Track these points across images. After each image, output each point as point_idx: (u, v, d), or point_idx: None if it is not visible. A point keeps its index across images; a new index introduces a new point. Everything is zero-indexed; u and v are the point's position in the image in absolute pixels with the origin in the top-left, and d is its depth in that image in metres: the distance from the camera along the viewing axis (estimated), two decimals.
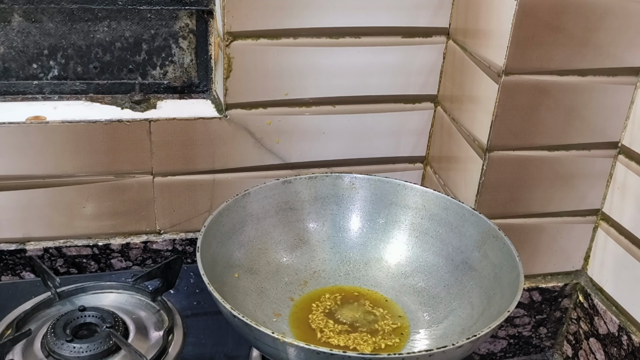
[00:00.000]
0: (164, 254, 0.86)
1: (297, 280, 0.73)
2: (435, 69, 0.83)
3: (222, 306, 0.55)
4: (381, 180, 0.76)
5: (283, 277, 0.73)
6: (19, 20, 0.78)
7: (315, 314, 0.69)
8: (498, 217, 0.72)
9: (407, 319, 0.70)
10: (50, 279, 0.72)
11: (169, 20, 0.81)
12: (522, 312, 0.86)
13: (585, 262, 0.84)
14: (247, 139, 0.82)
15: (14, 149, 0.76)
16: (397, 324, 0.69)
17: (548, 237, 0.81)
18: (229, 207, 0.69)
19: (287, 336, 0.53)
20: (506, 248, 0.65)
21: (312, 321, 0.68)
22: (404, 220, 0.75)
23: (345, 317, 0.69)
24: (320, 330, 0.67)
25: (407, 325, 0.69)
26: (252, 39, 0.76)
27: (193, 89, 0.86)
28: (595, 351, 0.81)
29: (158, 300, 0.74)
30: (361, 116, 0.84)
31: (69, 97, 0.83)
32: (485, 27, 0.72)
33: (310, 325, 0.68)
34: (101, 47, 0.81)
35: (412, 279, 0.73)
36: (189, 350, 0.69)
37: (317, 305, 0.70)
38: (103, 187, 0.80)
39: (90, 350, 0.64)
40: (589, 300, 0.83)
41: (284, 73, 0.79)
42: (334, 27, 0.78)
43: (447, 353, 0.52)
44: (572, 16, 0.66)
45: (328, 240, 0.76)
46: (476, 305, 0.66)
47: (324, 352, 0.50)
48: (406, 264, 0.74)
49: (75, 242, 0.83)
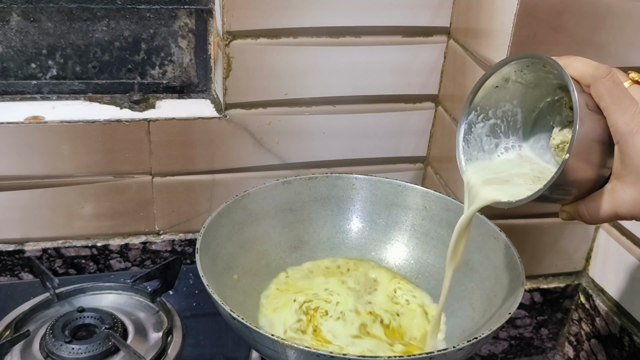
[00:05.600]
0: (163, 254, 0.86)
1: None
2: (436, 69, 0.83)
3: (221, 307, 0.55)
4: (381, 181, 0.76)
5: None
6: (18, 20, 0.77)
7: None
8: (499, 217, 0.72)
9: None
10: (48, 280, 0.72)
11: (168, 19, 0.81)
12: (523, 313, 0.86)
13: (587, 262, 0.84)
14: (247, 139, 0.81)
15: (12, 149, 0.75)
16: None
17: (549, 237, 0.81)
18: (228, 207, 0.69)
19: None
20: (507, 249, 0.64)
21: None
22: (404, 221, 0.75)
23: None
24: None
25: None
26: (251, 38, 0.76)
27: (192, 88, 0.86)
28: (596, 352, 0.81)
29: (157, 301, 0.74)
30: (361, 116, 0.84)
31: (68, 97, 0.82)
32: (486, 27, 0.72)
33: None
34: (100, 46, 0.81)
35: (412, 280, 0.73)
36: (188, 352, 0.69)
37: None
38: (102, 188, 0.80)
39: (89, 352, 0.64)
40: (590, 301, 0.83)
41: (284, 73, 0.78)
42: (334, 27, 0.77)
43: (448, 355, 0.52)
44: (574, 16, 0.66)
45: (328, 242, 0.76)
46: (477, 307, 0.65)
47: (324, 355, 0.50)
48: (407, 265, 0.74)
49: (74, 243, 0.83)
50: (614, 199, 0.48)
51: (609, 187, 0.48)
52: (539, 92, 0.55)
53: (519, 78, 0.53)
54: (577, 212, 0.51)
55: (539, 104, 0.56)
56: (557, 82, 0.52)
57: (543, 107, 0.56)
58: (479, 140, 0.57)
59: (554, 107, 0.55)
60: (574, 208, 0.51)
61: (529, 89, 0.54)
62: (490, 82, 0.54)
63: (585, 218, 0.50)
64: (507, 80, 0.54)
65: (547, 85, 0.53)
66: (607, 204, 0.48)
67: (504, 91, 0.55)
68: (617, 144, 0.47)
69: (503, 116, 0.56)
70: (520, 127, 0.57)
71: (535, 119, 0.56)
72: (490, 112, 0.56)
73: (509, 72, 0.53)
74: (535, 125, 0.57)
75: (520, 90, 0.55)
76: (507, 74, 0.53)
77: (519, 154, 0.57)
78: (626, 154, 0.46)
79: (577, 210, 0.51)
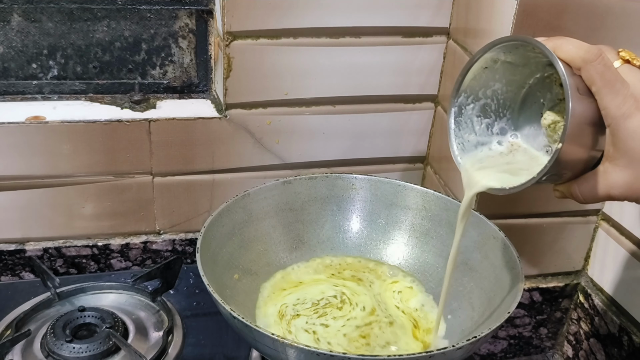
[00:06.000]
0: (163, 254, 0.86)
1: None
2: (435, 69, 0.83)
3: (221, 307, 0.55)
4: (381, 181, 0.76)
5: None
6: (19, 20, 0.77)
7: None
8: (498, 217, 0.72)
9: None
10: (49, 279, 0.72)
11: (168, 20, 0.81)
12: (522, 313, 0.86)
13: (586, 262, 0.84)
14: (247, 139, 0.81)
15: (13, 149, 0.76)
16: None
17: (548, 237, 0.81)
18: (228, 207, 0.69)
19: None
20: (506, 249, 0.65)
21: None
22: (404, 220, 0.75)
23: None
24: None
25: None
26: (252, 38, 0.76)
27: (193, 88, 0.86)
28: (595, 352, 0.81)
29: (158, 300, 0.74)
30: (361, 116, 0.84)
31: (69, 97, 0.83)
32: (485, 27, 0.72)
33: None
34: (101, 46, 0.81)
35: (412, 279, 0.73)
36: (188, 351, 0.69)
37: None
38: (102, 187, 0.80)
39: (90, 351, 0.64)
40: (589, 301, 0.83)
41: (284, 73, 0.79)
42: (334, 27, 0.77)
43: (447, 354, 0.52)
44: (573, 16, 0.66)
45: (328, 241, 0.76)
46: (476, 306, 0.65)
47: (324, 354, 0.50)
48: (406, 265, 0.74)
49: (74, 243, 0.83)
50: (606, 181, 0.48)
51: (602, 168, 0.48)
52: (529, 69, 0.55)
53: (507, 58, 0.54)
54: (570, 192, 0.51)
55: (528, 80, 0.56)
56: (547, 59, 0.52)
57: (533, 84, 0.56)
58: (470, 122, 0.58)
59: (544, 84, 0.55)
60: (567, 188, 0.51)
61: (518, 67, 0.55)
62: (479, 64, 0.54)
63: (578, 198, 0.50)
64: (495, 61, 0.54)
65: (537, 63, 0.53)
66: (600, 185, 0.48)
67: (492, 71, 0.55)
68: (609, 127, 0.47)
69: (493, 95, 0.57)
70: (510, 104, 0.57)
71: (525, 95, 0.57)
72: (480, 92, 0.57)
73: (498, 53, 0.53)
74: (526, 101, 0.57)
75: (509, 68, 0.55)
76: (496, 55, 0.53)
77: (511, 142, 0.57)
78: (618, 138, 0.46)
79: (570, 190, 0.51)
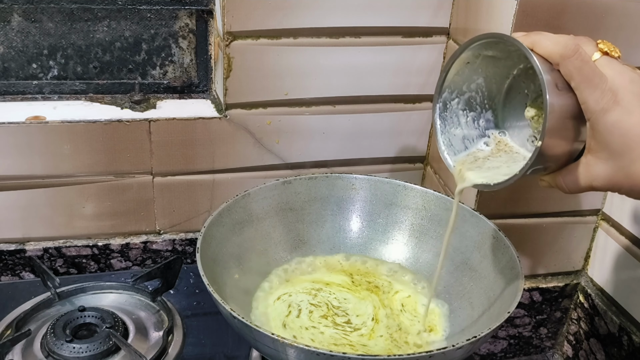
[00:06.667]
0: (163, 254, 0.86)
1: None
2: (435, 69, 0.83)
3: (221, 307, 0.55)
4: (381, 181, 0.76)
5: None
6: (19, 20, 0.77)
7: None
8: (498, 217, 0.72)
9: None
10: (49, 279, 0.72)
11: (168, 20, 0.81)
12: (522, 313, 0.86)
13: (586, 262, 0.84)
14: (247, 139, 0.82)
15: (13, 149, 0.76)
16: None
17: (548, 237, 0.81)
18: (228, 207, 0.69)
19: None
20: (506, 248, 0.65)
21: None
22: (404, 220, 0.75)
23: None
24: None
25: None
26: (252, 38, 0.76)
27: (193, 88, 0.86)
28: (595, 351, 0.81)
29: (158, 300, 0.74)
30: (361, 116, 0.84)
31: (69, 97, 0.83)
32: (485, 27, 0.72)
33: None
34: (101, 47, 0.81)
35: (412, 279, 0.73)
36: (188, 351, 0.70)
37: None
38: (103, 187, 0.80)
39: (90, 351, 0.64)
40: (589, 301, 0.83)
41: (284, 73, 0.79)
42: (334, 27, 0.77)
43: (447, 354, 0.52)
44: (573, 16, 0.66)
45: (328, 241, 0.76)
46: (476, 306, 0.65)
47: (324, 354, 0.50)
48: (406, 265, 0.74)
49: (74, 242, 0.83)
50: (589, 173, 0.49)
51: (584, 160, 0.50)
52: (511, 61, 0.56)
53: (489, 52, 0.55)
54: (555, 182, 0.52)
55: (512, 71, 0.57)
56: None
57: (516, 75, 0.57)
58: (455, 117, 0.59)
59: (528, 75, 0.56)
60: (553, 178, 0.52)
61: (500, 60, 0.56)
62: (461, 60, 0.55)
63: (563, 189, 0.52)
64: (477, 56, 0.55)
65: (519, 55, 0.54)
66: (583, 177, 0.50)
67: (475, 65, 0.56)
68: (589, 121, 0.48)
69: (477, 88, 0.58)
70: (495, 95, 0.58)
71: (509, 85, 0.58)
72: (464, 87, 0.58)
73: (479, 49, 0.54)
74: (510, 92, 0.58)
75: (492, 62, 0.56)
76: (477, 51, 0.54)
77: (498, 140, 0.58)
78: (597, 132, 0.47)
79: (555, 181, 0.52)
